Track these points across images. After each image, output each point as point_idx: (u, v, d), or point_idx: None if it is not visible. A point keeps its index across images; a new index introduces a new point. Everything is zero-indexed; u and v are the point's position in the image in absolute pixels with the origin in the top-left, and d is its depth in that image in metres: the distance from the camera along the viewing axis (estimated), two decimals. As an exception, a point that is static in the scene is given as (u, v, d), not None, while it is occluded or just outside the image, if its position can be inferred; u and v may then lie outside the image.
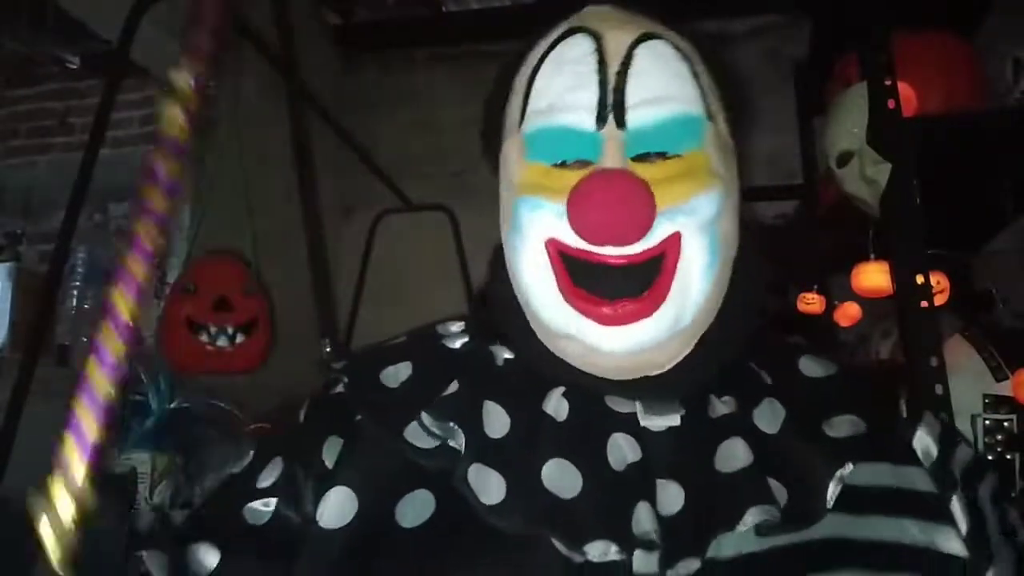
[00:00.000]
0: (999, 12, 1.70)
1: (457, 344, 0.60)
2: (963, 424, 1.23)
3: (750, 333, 0.57)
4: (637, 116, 0.52)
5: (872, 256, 1.53)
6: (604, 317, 0.50)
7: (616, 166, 0.51)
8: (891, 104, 1.24)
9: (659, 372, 0.54)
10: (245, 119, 2.14)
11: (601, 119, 0.52)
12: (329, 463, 0.54)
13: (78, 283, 2.04)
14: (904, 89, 1.27)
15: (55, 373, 1.86)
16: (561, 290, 0.51)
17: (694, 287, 0.51)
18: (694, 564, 0.46)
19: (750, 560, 0.48)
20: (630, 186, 0.49)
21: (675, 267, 0.50)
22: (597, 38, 0.54)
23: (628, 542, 0.46)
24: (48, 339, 1.84)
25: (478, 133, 0.64)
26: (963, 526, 0.52)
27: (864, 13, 1.31)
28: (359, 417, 0.56)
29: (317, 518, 0.52)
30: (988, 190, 1.46)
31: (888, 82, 1.25)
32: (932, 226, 1.20)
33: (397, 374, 0.57)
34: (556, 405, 0.53)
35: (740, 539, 0.48)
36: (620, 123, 0.52)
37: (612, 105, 0.52)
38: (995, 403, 1.25)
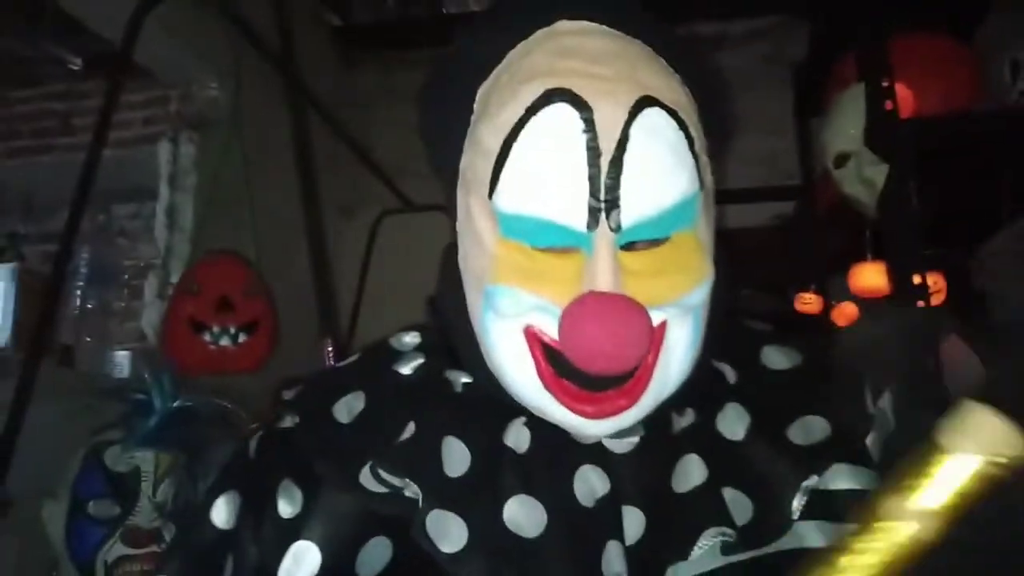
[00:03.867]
0: (996, 14, 1.71)
1: (410, 368, 0.57)
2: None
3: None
4: (631, 214, 0.48)
5: (869, 256, 1.54)
6: (587, 413, 0.48)
7: (606, 264, 0.47)
8: (888, 105, 1.25)
9: None
10: (247, 119, 2.15)
11: (594, 221, 0.47)
12: (288, 512, 0.52)
13: (81, 283, 2.05)
14: (901, 90, 1.27)
15: (58, 373, 1.87)
16: (541, 376, 0.49)
17: (675, 368, 0.50)
18: None
19: None
20: (629, 317, 0.46)
21: (659, 353, 0.49)
22: (586, 112, 0.47)
23: None
24: (51, 339, 1.85)
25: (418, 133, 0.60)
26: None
27: (862, 15, 1.32)
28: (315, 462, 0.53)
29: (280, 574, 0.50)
30: (985, 191, 1.47)
31: (885, 83, 1.25)
32: (929, 226, 1.21)
33: (350, 408, 0.54)
34: (517, 437, 0.51)
35: (699, 558, 0.47)
36: (615, 227, 0.48)
37: (605, 205, 0.47)
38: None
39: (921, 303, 1.17)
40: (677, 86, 0.52)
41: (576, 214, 0.48)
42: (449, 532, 0.47)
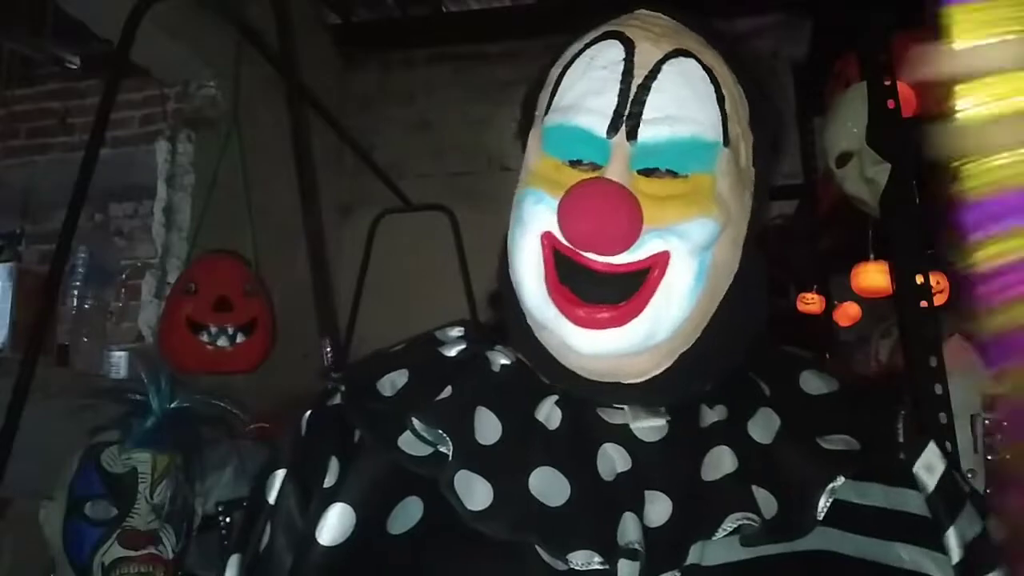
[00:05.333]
0: (999, 12, 1.70)
1: (454, 352, 0.61)
2: (963, 423, 1.23)
3: (737, 356, 0.58)
4: (649, 132, 0.53)
5: (872, 256, 1.53)
6: (577, 318, 0.51)
7: (618, 177, 0.52)
8: (891, 104, 1.24)
9: (634, 381, 0.55)
10: (245, 118, 2.14)
11: (613, 128, 0.53)
12: (329, 483, 0.55)
13: (78, 283, 2.03)
14: (904, 89, 1.27)
15: (55, 373, 1.86)
16: (547, 283, 0.53)
17: (674, 307, 0.52)
18: (676, 574, 0.46)
19: (735, 569, 0.48)
20: (617, 200, 0.50)
21: (658, 284, 0.51)
22: (629, 47, 0.55)
23: (612, 552, 0.46)
24: (48, 339, 1.84)
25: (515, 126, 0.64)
26: (955, 557, 0.52)
27: (864, 13, 1.31)
28: (356, 431, 0.57)
29: (317, 536, 0.52)
30: (988, 190, 1.46)
31: (888, 82, 1.25)
32: (932, 226, 1.20)
33: (394, 383, 0.58)
34: (548, 413, 0.54)
35: (727, 548, 0.48)
36: (631, 135, 0.53)
37: (627, 116, 0.53)
38: (994, 402, 1.25)
39: (924, 303, 1.17)
40: (724, 69, 0.57)
41: (600, 121, 0.53)
42: (475, 493, 0.49)
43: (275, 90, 1.93)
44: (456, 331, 0.64)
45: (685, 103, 0.54)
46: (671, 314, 0.52)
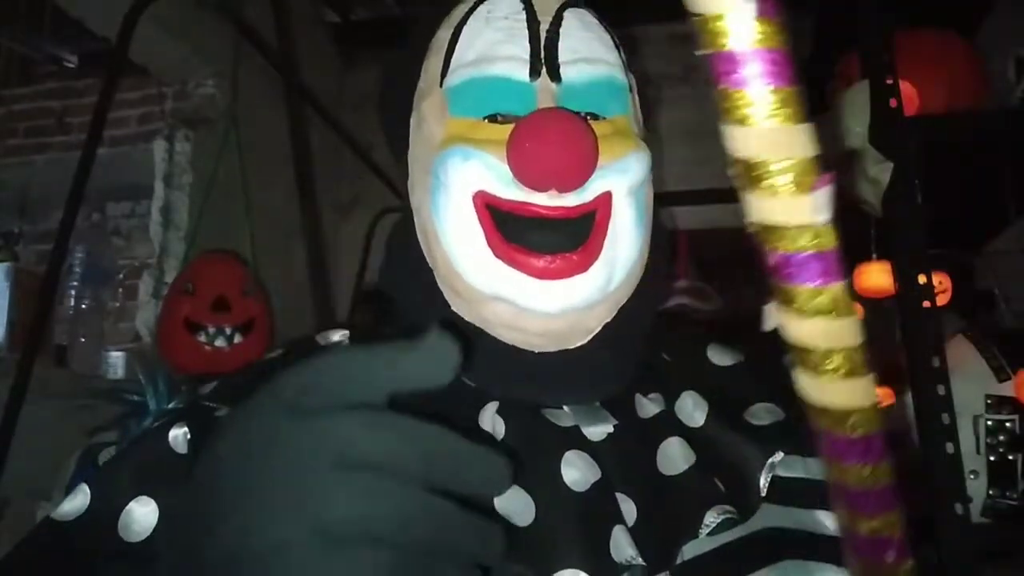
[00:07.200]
0: (1001, 11, 1.70)
1: None
2: (965, 425, 1.22)
3: (656, 315, 0.58)
4: (570, 72, 0.52)
5: (874, 256, 1.52)
6: (539, 270, 0.48)
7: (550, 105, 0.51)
8: (893, 103, 1.23)
9: (579, 344, 0.52)
10: (244, 117, 2.13)
11: (535, 71, 0.52)
12: None
13: (76, 283, 2.03)
14: (906, 88, 1.26)
15: (53, 373, 1.86)
16: (491, 246, 0.49)
17: (623, 248, 0.51)
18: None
19: (709, 560, 0.47)
20: (577, 124, 0.48)
21: (606, 225, 0.50)
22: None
23: (605, 569, 0.44)
24: (46, 339, 1.83)
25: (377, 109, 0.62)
26: None
27: (866, 11, 1.30)
28: None
29: None
30: (990, 189, 1.46)
31: (890, 81, 1.24)
32: (934, 226, 1.19)
33: None
34: (492, 422, 0.49)
35: (696, 541, 0.47)
36: (554, 76, 0.52)
37: (545, 59, 0.52)
38: (997, 404, 1.24)
39: (927, 303, 1.16)
40: (610, 33, 0.57)
41: (519, 66, 0.52)
42: None
43: (274, 89, 1.93)
44: (340, 334, 0.58)
45: (593, 46, 0.54)
46: (623, 256, 0.51)
